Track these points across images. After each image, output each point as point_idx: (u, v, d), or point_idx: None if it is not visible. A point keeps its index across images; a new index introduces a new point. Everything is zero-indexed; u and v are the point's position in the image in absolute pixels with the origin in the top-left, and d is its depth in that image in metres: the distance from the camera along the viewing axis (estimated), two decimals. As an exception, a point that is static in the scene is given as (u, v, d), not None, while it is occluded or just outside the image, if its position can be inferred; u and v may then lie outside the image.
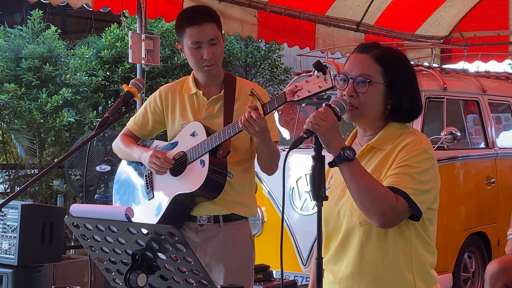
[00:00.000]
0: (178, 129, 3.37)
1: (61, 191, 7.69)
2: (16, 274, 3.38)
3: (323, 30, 8.13)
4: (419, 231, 2.36)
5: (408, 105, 2.41)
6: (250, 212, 3.39)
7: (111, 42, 8.26)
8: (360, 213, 2.31)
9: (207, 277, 2.07)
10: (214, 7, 6.76)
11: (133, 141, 3.48)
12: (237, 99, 3.32)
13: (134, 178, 3.50)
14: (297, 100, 2.81)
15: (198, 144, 3.21)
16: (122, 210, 2.09)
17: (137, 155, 3.37)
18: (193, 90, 3.36)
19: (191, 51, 3.27)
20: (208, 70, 3.30)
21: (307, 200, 6.00)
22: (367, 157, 2.42)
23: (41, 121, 7.10)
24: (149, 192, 3.39)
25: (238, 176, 3.30)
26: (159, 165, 3.23)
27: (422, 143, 2.36)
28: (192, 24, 3.25)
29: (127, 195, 3.50)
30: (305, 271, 5.89)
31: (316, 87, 2.73)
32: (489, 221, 6.63)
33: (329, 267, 2.46)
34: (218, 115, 3.31)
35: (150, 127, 3.47)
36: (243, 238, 3.36)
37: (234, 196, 3.30)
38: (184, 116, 3.36)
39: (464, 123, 6.67)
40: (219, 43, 3.28)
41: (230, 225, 3.32)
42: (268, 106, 2.95)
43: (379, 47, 2.43)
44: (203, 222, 3.29)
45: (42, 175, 2.92)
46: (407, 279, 2.36)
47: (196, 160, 3.22)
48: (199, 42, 3.24)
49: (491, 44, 9.62)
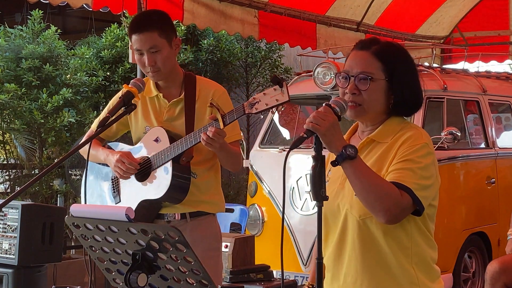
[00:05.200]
0: (142, 131, 3.43)
1: (61, 191, 7.69)
2: (17, 274, 3.38)
3: (324, 30, 8.13)
4: (420, 226, 2.37)
5: (411, 98, 2.42)
6: (216, 209, 3.46)
7: (111, 42, 8.26)
8: (360, 206, 2.31)
9: (207, 277, 2.07)
10: (214, 7, 6.86)
11: (98, 142, 3.52)
12: (198, 99, 3.38)
13: (101, 181, 3.55)
14: (255, 113, 2.90)
15: (161, 151, 3.28)
16: (122, 210, 2.09)
17: (103, 157, 3.43)
18: (154, 93, 3.42)
19: (136, 57, 3.36)
20: (152, 76, 3.36)
21: (308, 200, 5.99)
22: (366, 149, 2.42)
23: (42, 121, 7.10)
24: (116, 196, 3.46)
25: (203, 175, 3.37)
26: (124, 170, 3.30)
27: (422, 137, 2.37)
28: (134, 31, 3.33)
29: (94, 197, 3.55)
30: (306, 271, 5.89)
31: (273, 100, 2.82)
32: (489, 221, 6.63)
33: (330, 263, 2.46)
34: (179, 117, 3.37)
35: (114, 128, 3.51)
36: (210, 230, 3.43)
37: (199, 195, 3.36)
38: (147, 118, 3.42)
39: (464, 123, 6.67)
40: (162, 50, 3.30)
41: (197, 220, 3.39)
42: (228, 118, 3.03)
43: (378, 43, 2.44)
44: (170, 218, 3.38)
45: (42, 175, 2.92)
46: (409, 272, 2.36)
47: (160, 167, 3.28)
48: (139, 49, 3.32)
49: (491, 44, 9.62)
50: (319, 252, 2.21)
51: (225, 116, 3.02)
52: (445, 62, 9.68)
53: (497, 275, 5.01)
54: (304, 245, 5.96)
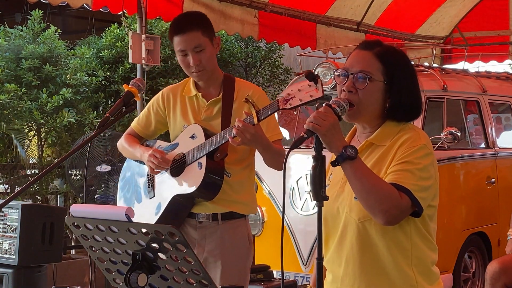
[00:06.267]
0: (180, 129, 3.47)
1: (61, 191, 7.69)
2: (17, 274, 3.38)
3: (323, 30, 8.13)
4: (419, 228, 2.36)
5: (407, 105, 2.41)
6: (248, 209, 3.47)
7: (111, 42, 8.25)
8: (360, 209, 2.31)
9: (207, 277, 2.07)
10: (214, 7, 6.86)
11: (136, 140, 3.59)
12: (235, 100, 3.42)
13: (137, 177, 3.61)
14: (289, 108, 2.88)
15: (196, 146, 3.32)
16: (122, 210, 2.09)
17: (139, 153, 3.49)
18: (193, 92, 3.47)
19: (180, 59, 3.41)
20: (197, 75, 3.41)
21: (308, 200, 6.00)
22: (366, 153, 2.42)
23: (42, 121, 7.10)
24: (150, 191, 3.50)
25: (237, 174, 3.39)
26: (156, 165, 3.35)
27: (421, 138, 2.36)
28: (177, 33, 3.37)
29: (130, 193, 3.62)
30: (306, 271, 5.89)
31: (307, 96, 2.79)
32: (489, 221, 6.63)
33: (330, 265, 2.47)
34: (216, 117, 3.41)
35: (153, 127, 3.59)
36: (240, 236, 3.43)
37: (232, 195, 3.38)
38: (185, 117, 3.47)
39: (464, 123, 6.67)
40: (206, 49, 3.36)
41: (229, 223, 3.40)
42: (262, 113, 3.04)
43: (381, 45, 2.43)
44: (202, 219, 3.39)
45: (42, 175, 2.92)
46: (408, 275, 2.36)
47: (194, 162, 3.32)
48: (184, 50, 3.36)
49: (491, 44, 9.63)
50: (319, 252, 2.21)
51: (259, 112, 3.04)
52: (445, 62, 9.69)
53: (497, 275, 5.01)
54: (304, 245, 5.96)
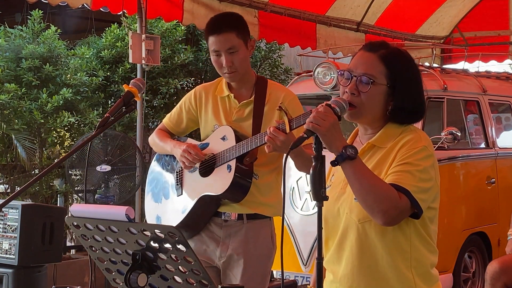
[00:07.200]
0: (211, 129, 3.48)
1: (61, 191, 7.69)
2: (17, 274, 3.39)
3: (323, 30, 8.13)
4: (419, 230, 2.36)
5: (410, 109, 2.41)
6: (274, 211, 3.47)
7: (111, 42, 8.25)
8: (360, 210, 2.31)
9: (207, 277, 2.06)
10: (214, 7, 6.86)
11: (167, 135, 3.62)
12: (267, 103, 3.42)
13: (166, 173, 3.63)
14: None
15: (227, 149, 3.33)
16: (122, 210, 2.09)
17: (169, 147, 3.51)
18: (226, 93, 3.47)
19: (213, 59, 3.41)
20: (229, 77, 3.41)
21: (308, 200, 6.00)
22: (367, 155, 2.42)
23: (42, 121, 7.10)
24: (178, 188, 3.52)
25: (264, 177, 3.39)
26: (190, 160, 3.37)
27: (422, 140, 2.36)
28: (212, 32, 3.37)
29: (158, 188, 3.64)
30: (306, 271, 5.88)
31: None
32: (489, 221, 6.63)
33: (329, 266, 2.47)
34: (247, 118, 3.42)
35: (184, 125, 3.60)
36: (264, 236, 3.45)
37: (259, 197, 3.39)
38: (217, 117, 3.48)
39: (464, 123, 6.67)
40: (239, 51, 3.35)
41: (253, 223, 3.42)
42: (295, 122, 3.00)
43: (386, 48, 2.42)
44: (227, 218, 3.41)
45: (42, 175, 2.92)
46: (406, 277, 2.35)
47: (223, 164, 3.33)
48: (217, 50, 3.36)
49: (491, 44, 9.63)
50: (319, 252, 2.21)
51: (292, 121, 3.01)
52: (445, 62, 9.69)
53: (497, 275, 5.01)
54: (304, 245, 5.96)
